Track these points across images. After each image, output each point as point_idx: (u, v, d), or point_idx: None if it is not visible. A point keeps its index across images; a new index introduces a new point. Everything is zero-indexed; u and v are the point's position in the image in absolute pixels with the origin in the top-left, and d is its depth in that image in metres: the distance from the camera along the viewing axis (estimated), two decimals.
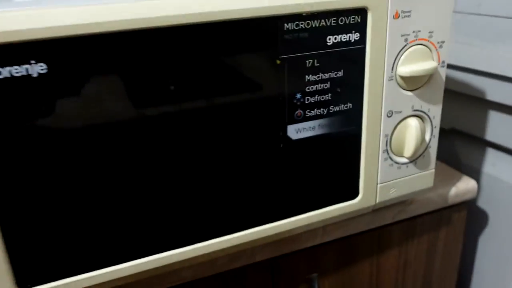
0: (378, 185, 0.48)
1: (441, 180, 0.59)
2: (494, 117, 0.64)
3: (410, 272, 0.61)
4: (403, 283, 0.62)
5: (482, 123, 0.65)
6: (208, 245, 0.42)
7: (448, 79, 0.65)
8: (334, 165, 0.46)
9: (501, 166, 0.66)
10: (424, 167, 0.50)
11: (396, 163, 0.48)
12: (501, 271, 0.68)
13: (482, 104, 0.64)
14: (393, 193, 0.50)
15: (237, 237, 0.43)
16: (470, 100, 0.66)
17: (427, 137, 0.49)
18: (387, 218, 0.54)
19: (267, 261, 0.51)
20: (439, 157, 0.72)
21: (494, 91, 0.62)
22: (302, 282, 0.54)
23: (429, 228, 0.59)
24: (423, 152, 0.49)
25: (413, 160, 0.49)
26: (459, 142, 0.71)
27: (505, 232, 0.66)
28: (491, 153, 0.67)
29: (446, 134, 0.71)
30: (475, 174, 0.68)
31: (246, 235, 0.44)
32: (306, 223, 0.46)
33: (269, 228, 0.45)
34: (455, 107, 0.68)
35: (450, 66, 0.66)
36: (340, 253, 0.55)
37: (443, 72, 0.47)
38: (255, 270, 0.50)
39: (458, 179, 0.60)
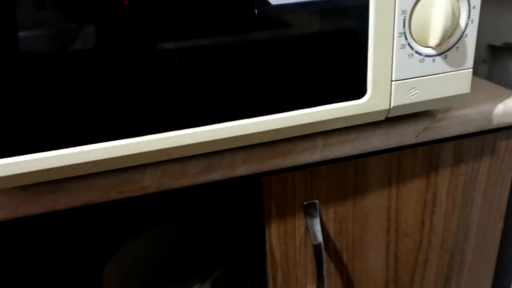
0: (393, 82, 0.38)
1: (486, 97, 0.47)
2: None
3: (440, 212, 0.50)
4: (431, 226, 0.51)
5: None
6: (176, 136, 0.34)
7: None
8: (331, 49, 0.36)
9: None
10: (458, 64, 0.39)
11: (418, 53, 0.37)
12: None
13: None
14: (414, 96, 0.39)
15: (212, 131, 0.35)
16: None
17: (462, 21, 0.37)
18: (409, 137, 0.44)
19: (252, 178, 0.42)
20: (489, 79, 0.59)
21: None
22: (299, 209, 0.45)
23: (466, 156, 0.48)
24: (457, 42, 0.38)
25: (442, 52, 0.38)
26: None
27: None
28: None
29: (499, 51, 0.58)
30: None
31: (221, 129, 0.35)
32: (297, 122, 0.37)
33: (250, 124, 0.36)
34: (510, 17, 0.55)
35: None
36: (347, 177, 0.45)
37: None
38: (235, 188, 0.42)
39: (508, 96, 0.47)
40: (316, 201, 0.45)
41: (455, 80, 0.40)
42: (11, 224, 0.49)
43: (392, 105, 0.38)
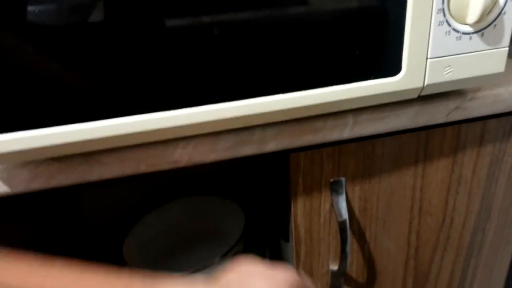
0: (429, 60, 0.37)
1: None
2: None
3: (464, 192, 0.50)
4: (454, 205, 0.51)
5: None
6: (207, 111, 0.34)
7: None
8: (368, 25, 0.35)
9: None
10: (494, 42, 0.38)
11: (455, 31, 0.37)
12: None
13: None
14: (449, 74, 0.38)
15: (244, 106, 0.35)
16: None
17: None
18: (439, 115, 0.43)
19: (281, 154, 0.42)
20: None
21: None
22: (325, 186, 0.45)
23: (494, 136, 0.47)
24: (495, 19, 0.37)
25: (480, 30, 0.37)
26: None
27: None
28: None
29: None
30: None
31: (253, 105, 0.35)
32: (329, 99, 0.36)
33: (283, 100, 0.35)
34: None
35: None
36: (375, 155, 0.45)
37: None
38: (266, 163, 0.42)
39: None
40: (343, 178, 0.45)
41: (490, 58, 0.39)
42: (33, 196, 0.50)
43: (426, 83, 0.38)
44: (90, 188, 0.71)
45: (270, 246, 0.67)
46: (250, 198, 0.76)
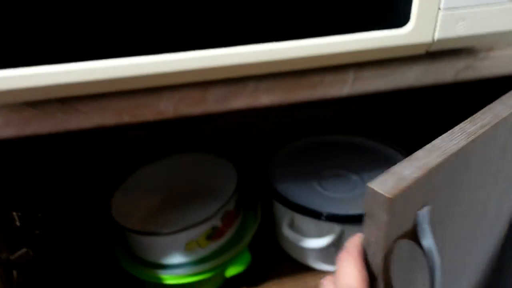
0: (441, 11, 0.34)
1: None
2: None
3: None
4: None
5: None
6: (196, 57, 0.31)
7: None
8: None
9: None
10: None
11: None
12: None
13: None
14: (461, 29, 0.35)
15: (235, 54, 0.32)
16: None
17: None
18: (448, 75, 0.40)
19: (276, 110, 0.39)
20: None
21: None
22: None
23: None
24: None
25: None
26: None
27: None
28: None
29: None
30: None
31: (246, 53, 0.32)
32: (329, 50, 0.33)
33: (278, 50, 0.32)
34: None
35: None
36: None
37: None
38: (258, 117, 0.39)
39: None
40: None
41: (507, 13, 0.35)
42: (20, 145, 0.48)
43: (436, 38, 0.35)
44: (80, 140, 0.69)
45: (263, 203, 0.66)
46: (243, 156, 0.74)
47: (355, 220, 0.58)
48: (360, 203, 0.61)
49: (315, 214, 0.58)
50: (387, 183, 0.29)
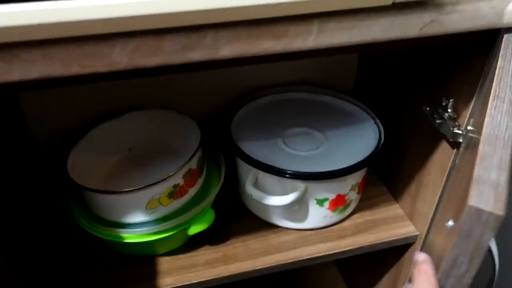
0: None
1: None
2: None
3: None
4: None
5: None
6: (150, 1, 0.29)
7: None
8: None
9: None
10: None
11: None
12: None
13: None
14: None
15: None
16: None
17: None
18: (412, 29, 0.39)
19: (238, 63, 0.38)
20: None
21: None
22: None
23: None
24: None
25: None
26: None
27: None
28: None
29: None
30: None
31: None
32: None
33: None
34: None
35: None
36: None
37: None
38: (220, 73, 0.37)
39: None
40: None
41: None
42: None
43: None
44: (32, 96, 0.65)
45: (226, 162, 0.65)
46: (204, 113, 0.72)
47: (319, 177, 0.58)
48: (324, 161, 0.61)
49: (279, 172, 0.57)
50: (488, 197, 0.26)
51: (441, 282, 0.34)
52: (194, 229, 0.58)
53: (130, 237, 0.55)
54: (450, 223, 0.37)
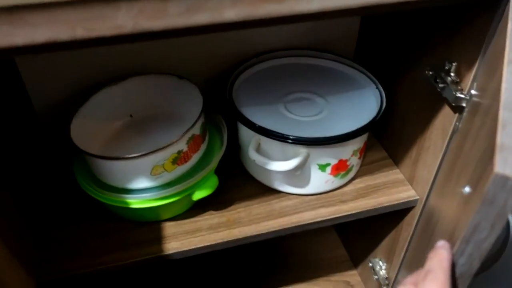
0: None
1: None
2: None
3: None
4: None
5: None
6: None
7: None
8: None
9: None
10: None
11: None
12: None
13: None
14: None
15: None
16: None
17: None
18: None
19: (241, 25, 0.37)
20: None
21: None
22: None
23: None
24: None
25: None
26: None
27: None
28: None
29: None
30: None
31: None
32: None
33: None
34: None
35: None
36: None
37: None
38: (220, 36, 0.37)
39: None
40: None
41: None
42: None
43: None
44: (32, 65, 0.65)
45: (229, 128, 0.65)
46: (206, 78, 0.72)
47: (321, 142, 0.58)
48: (326, 126, 0.61)
49: (281, 137, 0.58)
50: None
51: (460, 247, 0.34)
52: (198, 195, 0.59)
53: (136, 202, 0.56)
54: (467, 189, 0.36)
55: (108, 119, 0.65)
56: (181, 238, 0.60)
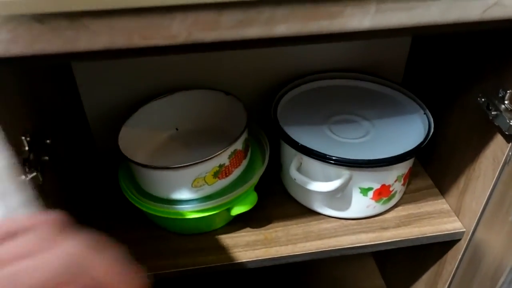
0: None
1: None
2: None
3: None
4: None
5: None
6: None
7: None
8: None
9: None
10: None
11: None
12: None
13: None
14: None
15: None
16: None
17: None
18: (474, 11, 0.38)
19: (291, 40, 0.38)
20: None
21: None
22: None
23: None
24: None
25: None
26: None
27: None
28: None
29: None
30: None
31: None
32: None
33: None
34: None
35: None
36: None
37: None
38: (268, 54, 0.37)
39: None
40: None
41: None
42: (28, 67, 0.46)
43: None
44: (87, 72, 0.68)
45: (271, 145, 0.65)
46: (251, 95, 0.72)
47: (364, 165, 0.57)
48: (370, 149, 0.60)
49: (323, 157, 0.57)
50: None
51: (508, 277, 0.32)
52: (236, 210, 0.59)
53: (175, 213, 0.56)
54: None
55: (155, 131, 0.67)
56: (217, 253, 0.60)
